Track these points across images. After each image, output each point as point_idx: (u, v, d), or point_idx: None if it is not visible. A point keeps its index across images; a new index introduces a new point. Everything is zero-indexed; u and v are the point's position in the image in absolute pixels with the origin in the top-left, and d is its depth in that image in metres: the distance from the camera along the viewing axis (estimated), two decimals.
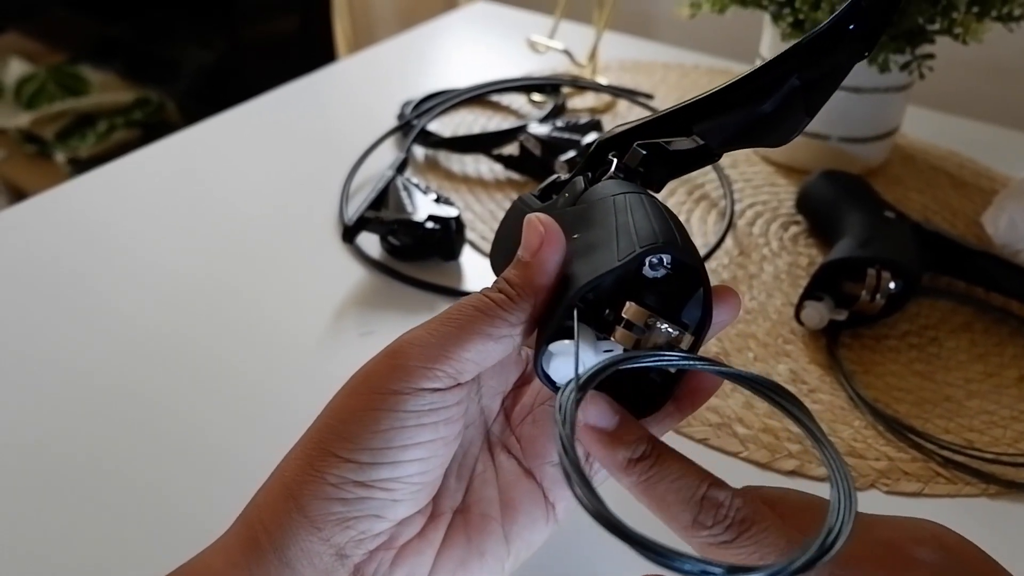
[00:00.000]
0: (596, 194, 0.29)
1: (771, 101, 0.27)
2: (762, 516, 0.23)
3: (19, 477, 0.40)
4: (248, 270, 0.55)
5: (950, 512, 0.40)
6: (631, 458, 0.24)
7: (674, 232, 0.26)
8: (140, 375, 0.46)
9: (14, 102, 1.71)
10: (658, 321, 0.25)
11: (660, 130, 0.30)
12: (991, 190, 0.68)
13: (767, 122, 0.27)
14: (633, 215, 0.26)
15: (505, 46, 0.92)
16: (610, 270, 0.25)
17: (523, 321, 0.26)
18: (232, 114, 0.75)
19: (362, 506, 0.25)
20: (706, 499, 0.23)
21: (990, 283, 0.54)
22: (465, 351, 0.25)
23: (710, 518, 0.23)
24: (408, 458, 0.25)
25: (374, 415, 0.25)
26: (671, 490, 0.23)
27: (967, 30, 0.56)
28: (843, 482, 0.22)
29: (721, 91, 0.28)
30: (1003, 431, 0.45)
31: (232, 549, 0.25)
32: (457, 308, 0.26)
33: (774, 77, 0.26)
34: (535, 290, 0.26)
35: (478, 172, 0.68)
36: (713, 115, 0.28)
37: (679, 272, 0.26)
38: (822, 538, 0.21)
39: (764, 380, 0.25)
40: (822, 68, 0.26)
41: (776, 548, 0.22)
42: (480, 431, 0.31)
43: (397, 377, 0.25)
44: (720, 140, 0.28)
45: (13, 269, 0.54)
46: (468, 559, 0.28)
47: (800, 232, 0.62)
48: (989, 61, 1.01)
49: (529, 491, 0.29)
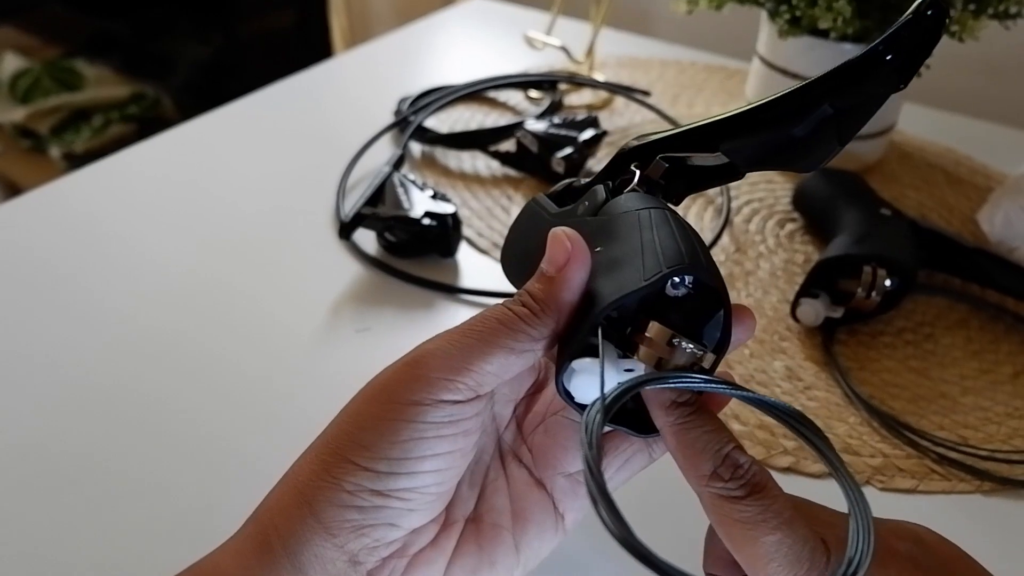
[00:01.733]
0: (619, 206, 0.29)
1: (802, 127, 0.26)
2: (774, 487, 0.24)
3: (17, 476, 0.40)
4: (244, 266, 0.55)
5: (945, 509, 0.41)
6: (676, 400, 0.26)
7: (698, 252, 0.26)
8: (136, 371, 0.46)
9: (9, 97, 1.70)
10: (681, 341, 0.25)
11: (686, 144, 0.29)
12: (987, 187, 0.68)
13: (797, 147, 0.26)
14: (658, 232, 0.26)
15: (502, 42, 0.92)
16: (636, 289, 0.25)
17: (546, 336, 0.26)
18: (228, 110, 0.75)
19: (377, 515, 0.25)
20: (729, 456, 0.24)
21: (985, 280, 0.54)
22: (487, 364, 0.25)
23: (729, 472, 0.24)
24: (425, 469, 0.25)
25: (393, 425, 0.25)
26: (701, 439, 0.25)
27: (964, 27, 0.56)
28: (862, 514, 0.23)
29: (752, 110, 0.27)
30: (998, 428, 0.45)
31: (244, 551, 0.25)
32: (480, 320, 0.26)
33: (806, 102, 0.26)
34: (560, 306, 0.26)
35: (475, 168, 0.68)
36: (742, 134, 0.28)
37: (701, 292, 0.26)
38: (843, 567, 0.21)
39: (787, 408, 0.26)
40: (856, 97, 0.25)
41: (780, 516, 0.23)
42: (492, 439, 0.31)
43: (418, 388, 0.25)
44: (747, 160, 0.28)
45: (8, 265, 0.54)
46: (479, 568, 0.28)
47: (796, 229, 0.62)
48: (985, 59, 1.01)
49: (539, 501, 0.29)
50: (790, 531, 0.23)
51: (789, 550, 0.23)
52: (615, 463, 0.30)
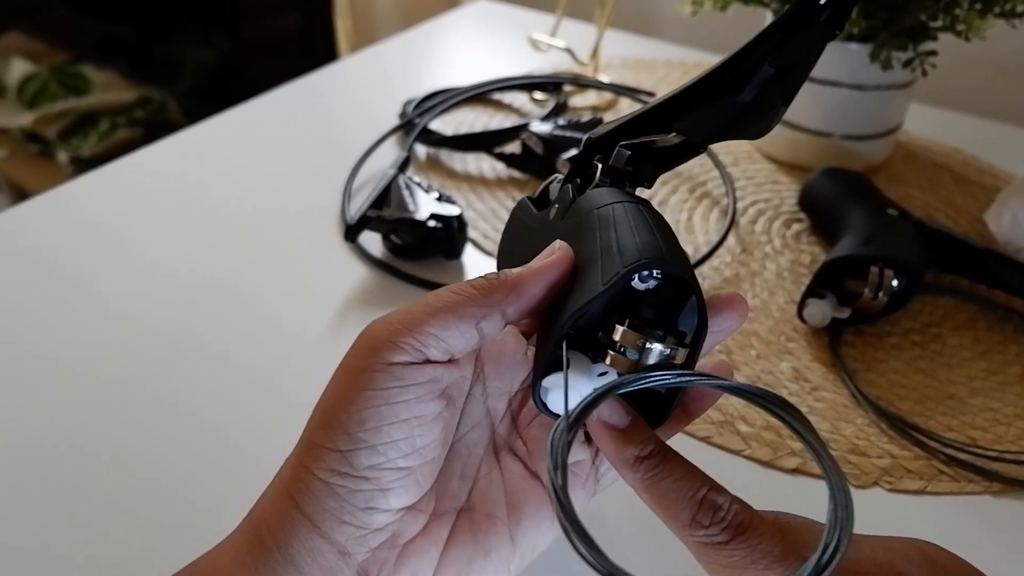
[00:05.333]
0: (582, 206, 0.29)
1: (747, 91, 0.26)
2: (758, 523, 0.23)
3: (23, 476, 0.40)
4: (250, 269, 0.55)
5: (953, 510, 0.40)
6: (639, 455, 0.25)
7: (659, 243, 0.25)
8: (143, 374, 0.46)
9: (16, 101, 1.71)
10: (649, 341, 0.25)
11: (641, 129, 0.30)
12: (994, 187, 0.68)
13: (745, 113, 0.27)
14: (617, 230, 0.26)
15: (507, 44, 0.92)
16: (595, 297, 0.25)
17: (492, 311, 0.26)
18: (234, 113, 0.75)
19: (353, 499, 0.25)
20: (705, 500, 0.24)
21: (993, 281, 0.54)
22: (429, 325, 0.26)
23: (708, 518, 0.23)
24: (385, 440, 0.25)
25: (348, 397, 0.26)
26: (673, 489, 0.24)
27: (970, 27, 0.56)
28: (841, 496, 0.22)
29: (696, 84, 0.27)
30: (1006, 428, 0.45)
31: (239, 549, 0.26)
32: (434, 291, 0.27)
33: (748, 65, 0.26)
34: (513, 286, 0.27)
35: (480, 170, 0.68)
36: (691, 109, 0.28)
37: (670, 281, 0.26)
38: (819, 554, 0.21)
39: (761, 391, 0.25)
40: (794, 52, 0.25)
41: (770, 555, 0.23)
42: (486, 432, 0.31)
43: (367, 355, 0.26)
44: (701, 134, 0.28)
45: (16, 268, 0.54)
46: (474, 558, 0.28)
47: (802, 230, 0.61)
48: (992, 58, 1.01)
49: (535, 494, 0.29)
50: (782, 569, 0.22)
51: None
52: None
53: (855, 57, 0.61)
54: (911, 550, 0.24)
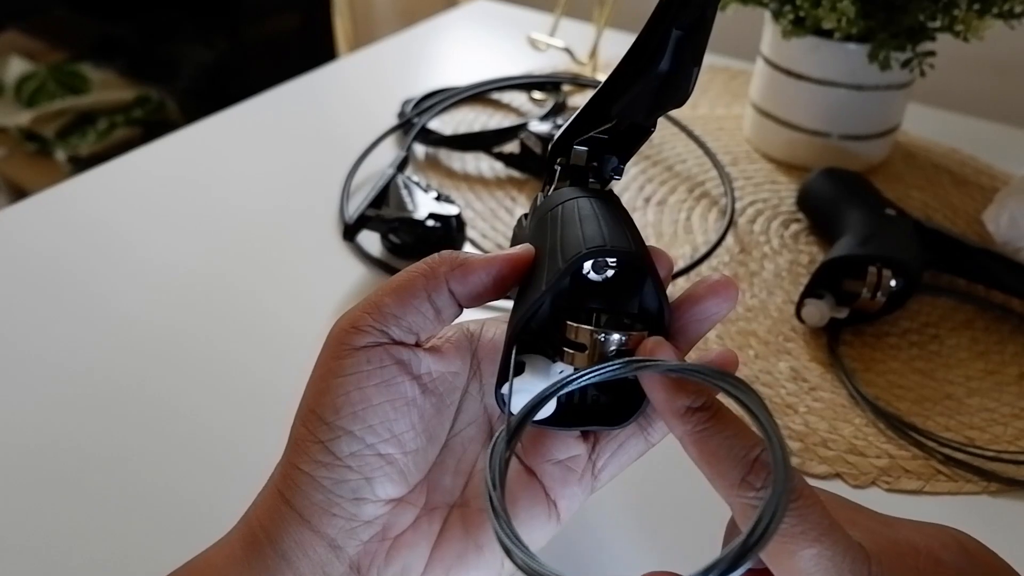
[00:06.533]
0: (540, 210, 0.29)
1: (665, 59, 0.27)
2: (810, 492, 0.22)
3: (22, 475, 0.40)
4: (249, 269, 0.55)
5: (951, 510, 0.40)
6: (691, 407, 0.24)
7: (602, 232, 0.25)
8: (142, 373, 0.46)
9: (15, 100, 1.71)
10: (603, 333, 0.25)
11: (589, 124, 0.30)
12: (992, 188, 0.68)
13: (668, 82, 0.27)
14: (563, 229, 0.27)
15: (506, 44, 0.92)
16: (538, 299, 0.25)
17: (437, 280, 0.27)
18: (233, 112, 0.75)
19: (339, 489, 0.25)
20: (758, 461, 0.22)
21: (991, 281, 0.54)
22: (385, 306, 0.27)
23: (760, 480, 0.22)
24: (360, 425, 0.26)
25: (324, 387, 0.26)
26: (724, 446, 0.23)
27: (968, 27, 0.56)
28: (780, 470, 0.20)
29: (620, 66, 0.28)
30: (1004, 428, 0.45)
31: (233, 546, 0.26)
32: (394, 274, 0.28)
33: (659, 33, 0.26)
34: (460, 264, 0.27)
35: (479, 170, 0.68)
36: (623, 92, 0.28)
37: (625, 267, 0.25)
38: (749, 531, 0.20)
39: (709, 370, 0.23)
40: (695, 8, 0.26)
41: (820, 528, 0.21)
42: (483, 429, 0.31)
43: (334, 344, 0.27)
44: (640, 113, 0.29)
45: (14, 267, 0.54)
46: (465, 553, 0.28)
47: (801, 230, 0.62)
48: (990, 58, 1.01)
49: (529, 488, 0.29)
50: (830, 543, 0.21)
51: (829, 562, 0.21)
52: (606, 451, 0.30)
53: (853, 57, 0.61)
54: (947, 538, 0.24)
